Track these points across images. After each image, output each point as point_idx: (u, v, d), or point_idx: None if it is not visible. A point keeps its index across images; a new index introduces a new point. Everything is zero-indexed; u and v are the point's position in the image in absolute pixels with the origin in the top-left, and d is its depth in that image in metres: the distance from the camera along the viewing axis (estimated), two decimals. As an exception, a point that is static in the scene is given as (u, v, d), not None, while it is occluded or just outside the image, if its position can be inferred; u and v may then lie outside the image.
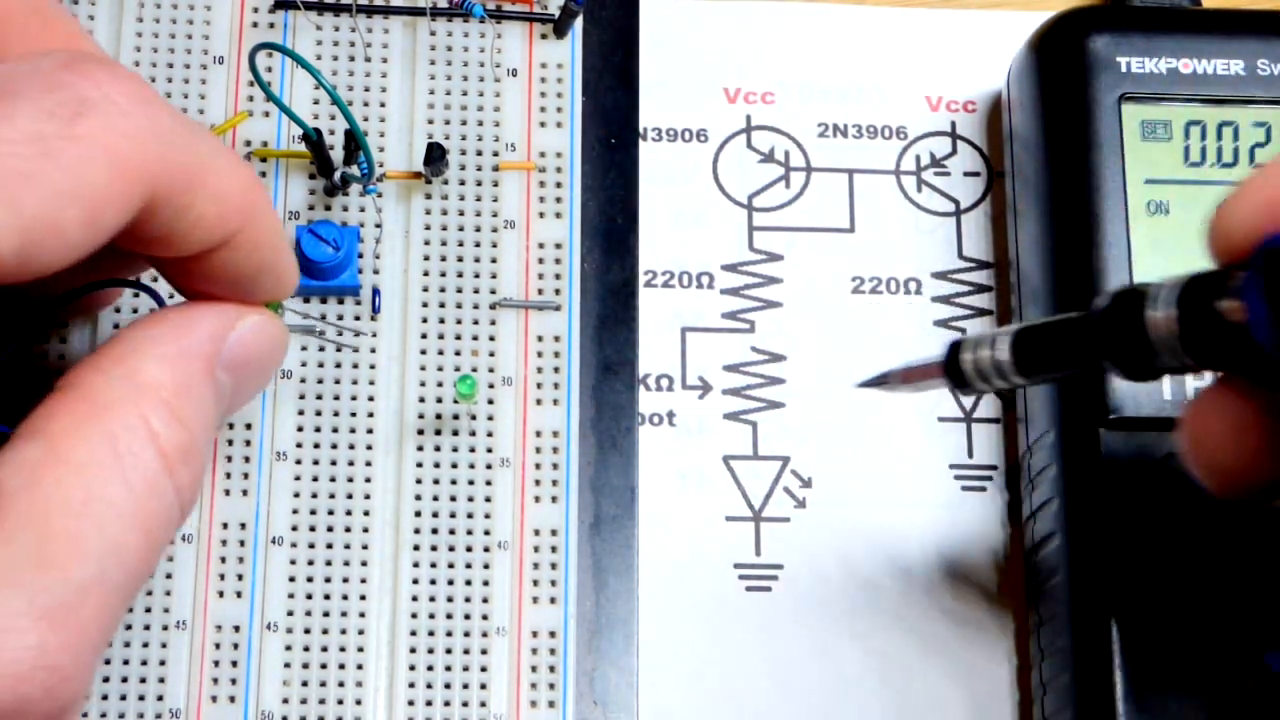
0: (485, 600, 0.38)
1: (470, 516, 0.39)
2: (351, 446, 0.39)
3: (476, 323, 0.40)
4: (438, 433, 0.39)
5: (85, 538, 0.27)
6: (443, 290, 0.40)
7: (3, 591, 0.26)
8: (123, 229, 0.28)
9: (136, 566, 0.28)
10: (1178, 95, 0.40)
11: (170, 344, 0.30)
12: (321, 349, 0.39)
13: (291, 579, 0.38)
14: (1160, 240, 0.39)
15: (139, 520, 0.28)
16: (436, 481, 0.39)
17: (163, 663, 0.37)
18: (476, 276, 0.40)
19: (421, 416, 0.39)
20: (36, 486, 0.27)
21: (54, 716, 0.27)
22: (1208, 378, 0.37)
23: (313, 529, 0.38)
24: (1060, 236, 0.40)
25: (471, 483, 0.39)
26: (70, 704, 0.27)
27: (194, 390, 0.30)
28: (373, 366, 0.39)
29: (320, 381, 0.39)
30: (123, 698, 0.37)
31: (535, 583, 0.38)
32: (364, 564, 0.38)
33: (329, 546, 0.38)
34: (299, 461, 0.39)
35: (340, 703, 0.37)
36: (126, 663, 0.37)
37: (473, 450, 0.39)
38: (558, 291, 0.40)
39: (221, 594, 0.38)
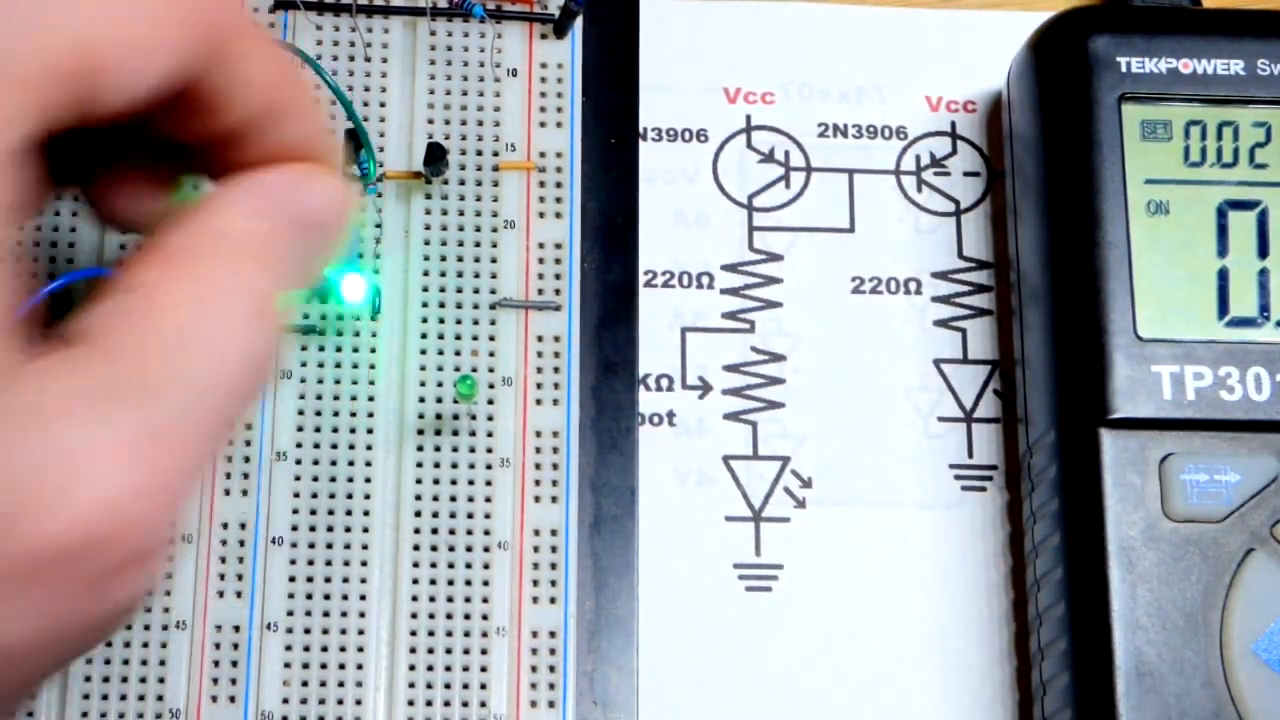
0: (485, 600, 0.38)
1: (470, 516, 0.39)
2: (351, 446, 0.39)
3: (476, 323, 0.40)
4: (438, 433, 0.39)
5: (180, 369, 0.27)
6: (443, 290, 0.40)
7: (90, 415, 0.25)
8: (180, 86, 0.28)
9: (231, 407, 0.28)
10: (1178, 95, 0.40)
11: (253, 201, 0.31)
12: (321, 349, 0.39)
13: (291, 579, 0.38)
14: (1160, 240, 0.39)
15: (236, 360, 0.28)
16: (436, 481, 0.39)
17: (163, 663, 0.37)
18: (476, 276, 0.40)
19: (421, 416, 0.39)
20: (131, 323, 0.27)
21: (123, 566, 0.26)
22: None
23: (313, 529, 0.38)
24: (1060, 236, 0.40)
25: (471, 483, 0.39)
26: (144, 551, 0.26)
27: (278, 245, 0.31)
28: (373, 366, 0.39)
29: (320, 381, 0.39)
30: (123, 697, 0.37)
31: (535, 583, 0.38)
32: (364, 564, 0.38)
33: (329, 546, 0.38)
34: (299, 461, 0.39)
35: (340, 703, 0.37)
36: (126, 662, 0.37)
37: (473, 450, 0.39)
38: (558, 292, 0.40)
39: (221, 594, 0.38)
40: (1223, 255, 0.40)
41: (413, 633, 0.38)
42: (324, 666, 0.38)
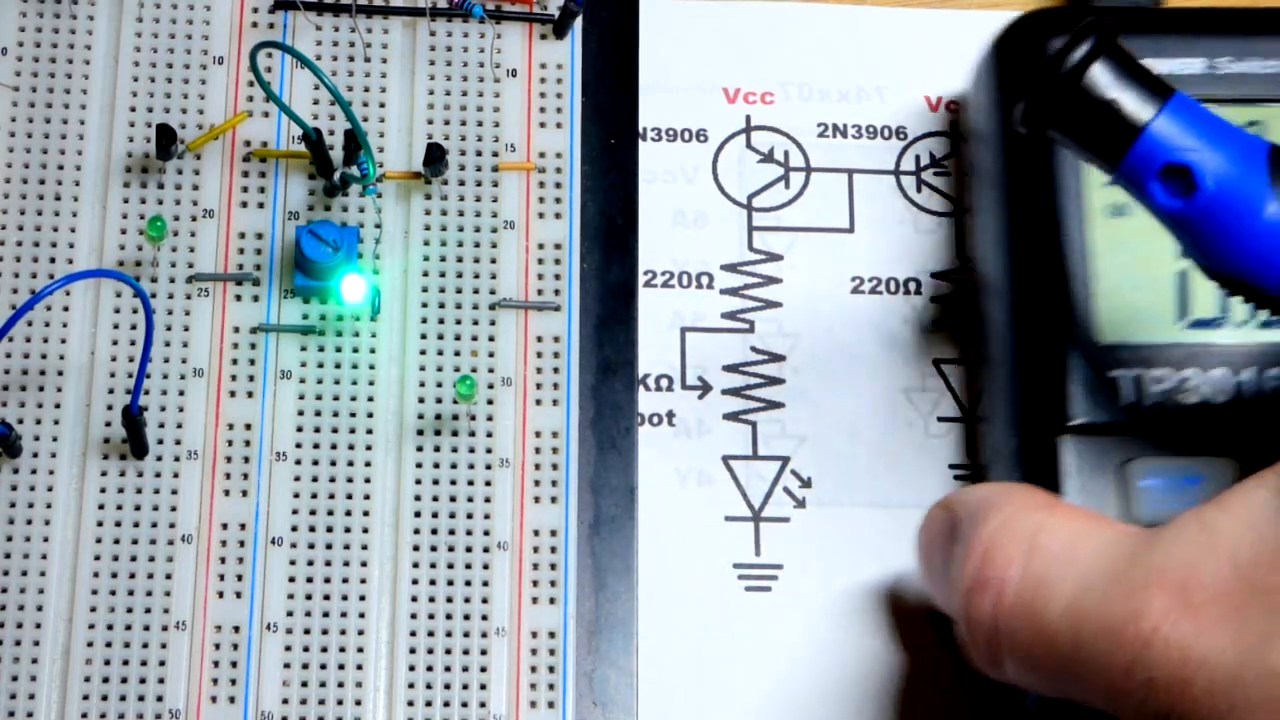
0: (485, 601, 0.38)
1: (470, 517, 0.39)
2: (351, 447, 0.39)
3: (476, 323, 0.40)
4: (437, 433, 0.39)
5: None
6: (442, 291, 0.40)
7: None
8: None
9: None
10: None
11: None
12: (321, 349, 0.39)
13: (291, 579, 0.38)
14: (1120, 242, 0.39)
15: None
16: (436, 482, 0.39)
17: (162, 663, 0.37)
18: (476, 277, 0.40)
19: (421, 417, 0.39)
20: None
21: None
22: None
23: (312, 529, 0.38)
24: (1020, 240, 0.39)
25: (471, 483, 0.39)
26: None
27: None
28: (372, 367, 0.39)
29: (320, 382, 0.39)
30: (122, 698, 0.37)
31: (535, 583, 0.38)
32: (364, 564, 0.38)
33: (329, 547, 0.38)
34: (299, 462, 0.39)
35: (340, 703, 0.37)
36: (126, 663, 0.37)
37: (472, 451, 0.39)
38: (557, 292, 0.40)
39: (221, 594, 0.38)
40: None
41: (412, 633, 0.38)
42: (324, 667, 0.38)
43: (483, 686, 0.38)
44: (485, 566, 0.38)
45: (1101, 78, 0.32)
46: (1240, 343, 0.38)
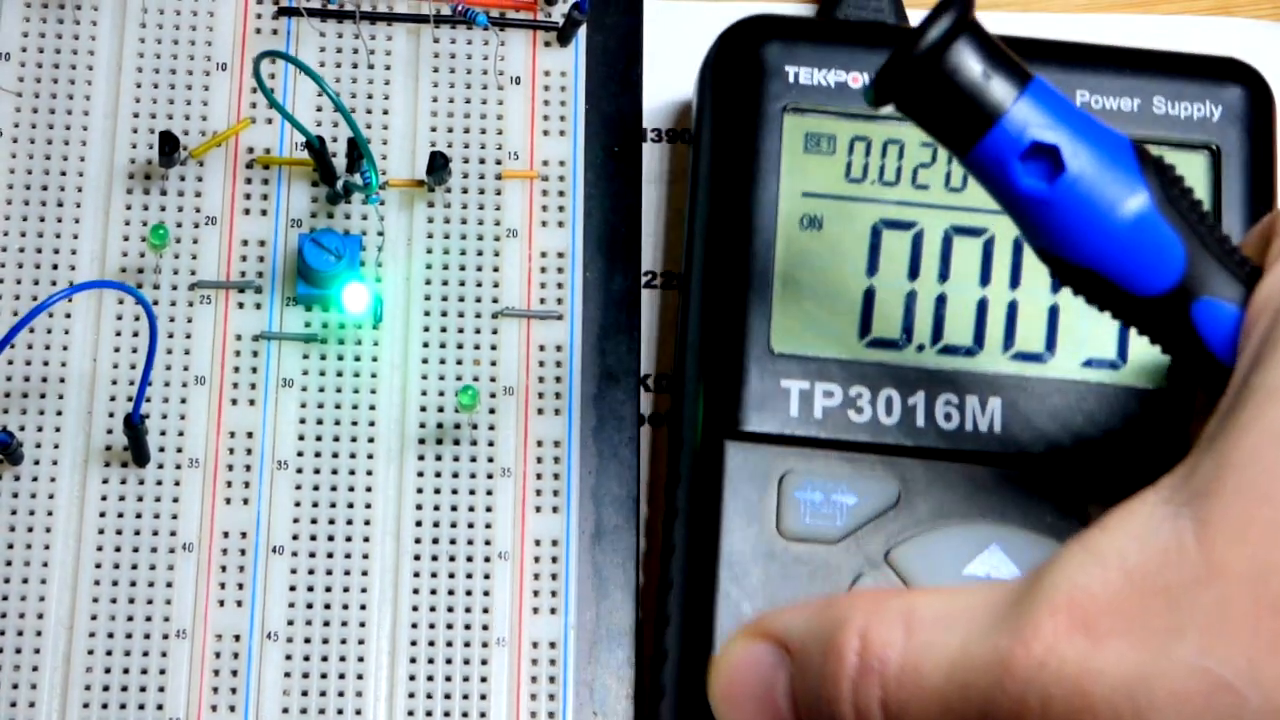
0: (486, 610, 0.38)
1: (471, 526, 0.39)
2: (353, 456, 0.39)
3: (478, 332, 0.40)
4: (439, 442, 0.39)
5: None
6: (445, 299, 0.40)
7: None
8: None
9: None
10: (845, 110, 0.39)
11: None
12: (323, 358, 0.39)
13: (292, 588, 0.38)
14: (810, 255, 0.38)
15: None
16: (437, 491, 0.39)
17: (163, 672, 0.37)
18: (479, 285, 0.40)
19: (423, 426, 0.39)
20: None
21: None
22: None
23: (313, 538, 0.38)
24: (711, 244, 0.39)
25: (472, 492, 0.39)
26: None
27: None
28: (374, 375, 0.39)
29: (322, 390, 0.39)
30: (123, 706, 0.37)
31: (536, 593, 0.38)
32: (364, 573, 0.38)
33: (329, 556, 0.38)
34: (300, 470, 0.39)
35: (340, 713, 0.37)
36: (126, 671, 0.37)
37: (474, 460, 0.39)
38: (560, 300, 0.40)
39: (222, 603, 0.38)
40: (872, 274, 0.38)
41: (413, 642, 0.38)
42: (324, 676, 0.38)
43: (483, 697, 0.38)
44: (486, 576, 0.38)
45: (964, 58, 0.30)
46: (915, 366, 0.38)
